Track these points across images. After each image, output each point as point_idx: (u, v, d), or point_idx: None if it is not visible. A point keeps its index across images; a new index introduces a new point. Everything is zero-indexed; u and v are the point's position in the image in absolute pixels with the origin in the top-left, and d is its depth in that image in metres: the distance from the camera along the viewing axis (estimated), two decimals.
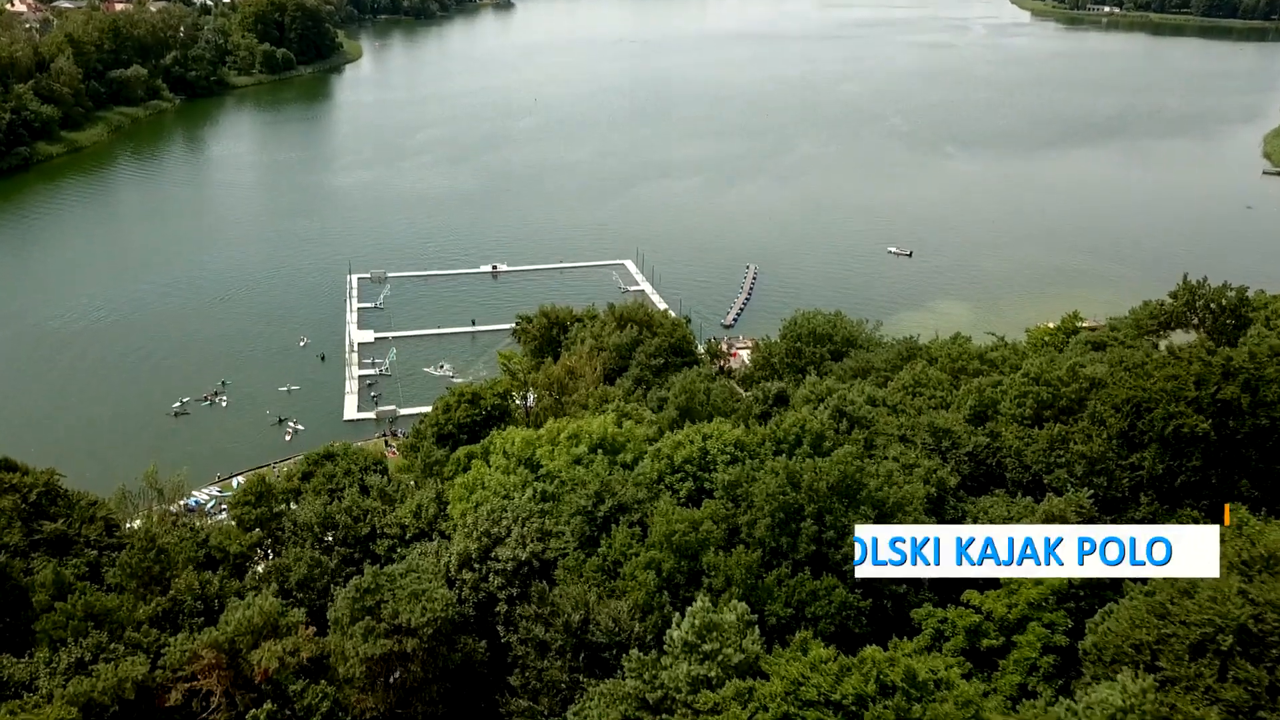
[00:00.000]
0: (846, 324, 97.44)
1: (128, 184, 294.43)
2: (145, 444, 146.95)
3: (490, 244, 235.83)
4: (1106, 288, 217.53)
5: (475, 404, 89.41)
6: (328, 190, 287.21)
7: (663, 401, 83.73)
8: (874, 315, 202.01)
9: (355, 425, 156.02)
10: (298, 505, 74.65)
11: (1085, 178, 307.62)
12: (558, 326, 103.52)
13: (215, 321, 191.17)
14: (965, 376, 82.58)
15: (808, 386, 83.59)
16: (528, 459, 69.76)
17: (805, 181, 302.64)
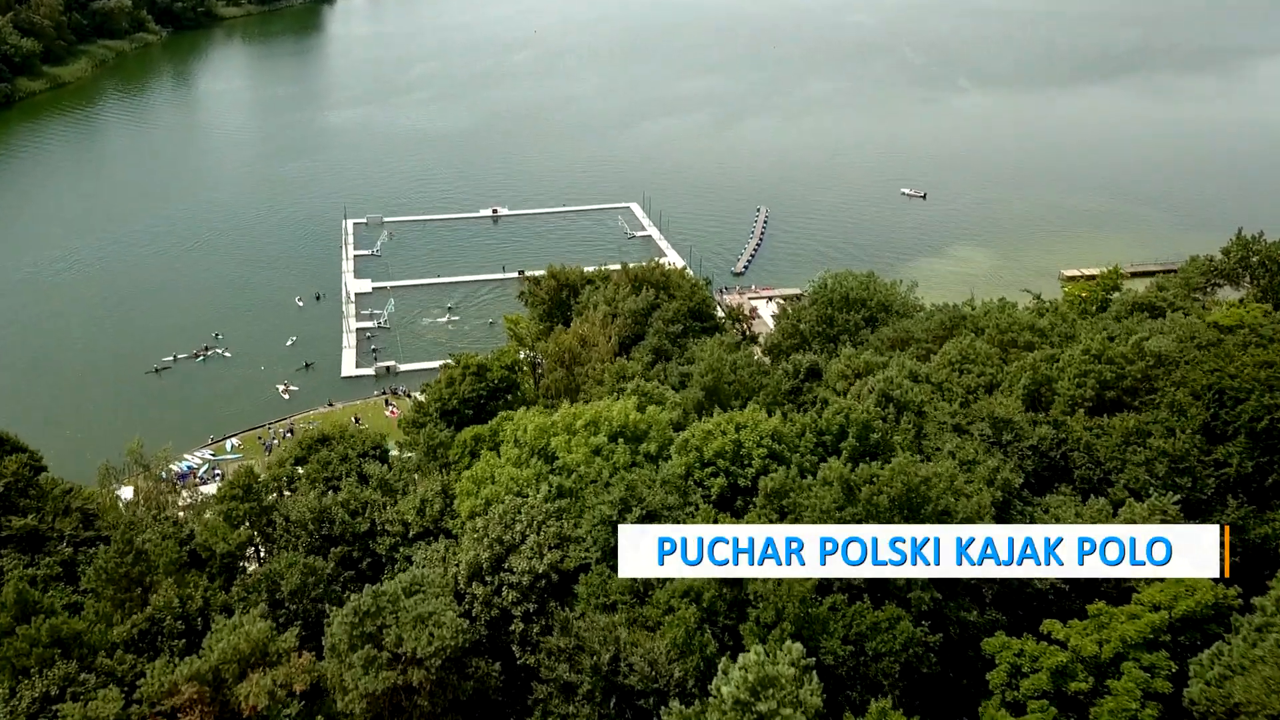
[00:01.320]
0: (880, 287, 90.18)
1: (113, 122, 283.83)
2: (132, 403, 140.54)
3: (490, 186, 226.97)
4: (1131, 231, 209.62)
5: (481, 377, 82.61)
6: (320, 129, 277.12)
7: (685, 377, 76.98)
8: (891, 261, 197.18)
9: (353, 382, 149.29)
10: (290, 497, 68.21)
11: (1105, 113, 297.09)
12: (568, 289, 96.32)
13: (204, 270, 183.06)
14: (1015, 350, 75.77)
15: (843, 360, 76.80)
16: (542, 448, 63.35)
17: (815, 118, 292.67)
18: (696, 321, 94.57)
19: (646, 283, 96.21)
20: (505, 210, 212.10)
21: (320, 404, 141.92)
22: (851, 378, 76.83)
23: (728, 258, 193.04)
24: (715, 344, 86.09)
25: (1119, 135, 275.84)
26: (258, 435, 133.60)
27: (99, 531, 69.79)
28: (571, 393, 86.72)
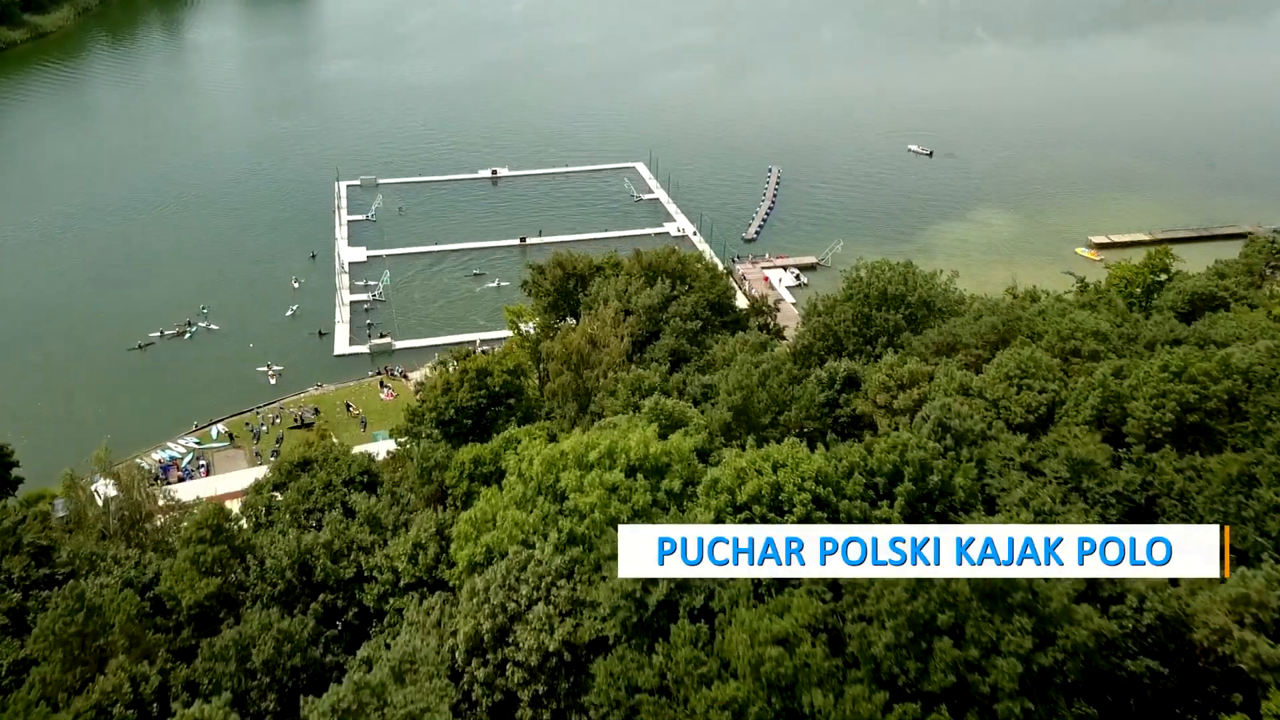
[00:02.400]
0: (920, 279, 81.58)
1: (95, 76, 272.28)
2: (113, 384, 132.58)
3: (489, 145, 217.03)
4: (1160, 193, 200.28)
5: (481, 382, 74.70)
6: (313, 83, 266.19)
7: (708, 390, 68.95)
8: (910, 225, 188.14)
9: (347, 361, 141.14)
10: (266, 534, 60.47)
11: (1129, 65, 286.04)
12: (575, 278, 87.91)
13: (188, 236, 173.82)
14: (1078, 361, 67.69)
15: (884, 368, 68.72)
16: (550, 485, 55.68)
17: (826, 70, 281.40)
18: (716, 315, 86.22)
19: (662, 272, 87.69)
20: (505, 171, 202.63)
21: (311, 385, 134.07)
22: (894, 389, 68.84)
23: (738, 222, 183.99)
24: (738, 346, 77.92)
25: (1144, 89, 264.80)
26: (245, 421, 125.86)
27: (55, 570, 62.19)
28: (580, 397, 78.83)
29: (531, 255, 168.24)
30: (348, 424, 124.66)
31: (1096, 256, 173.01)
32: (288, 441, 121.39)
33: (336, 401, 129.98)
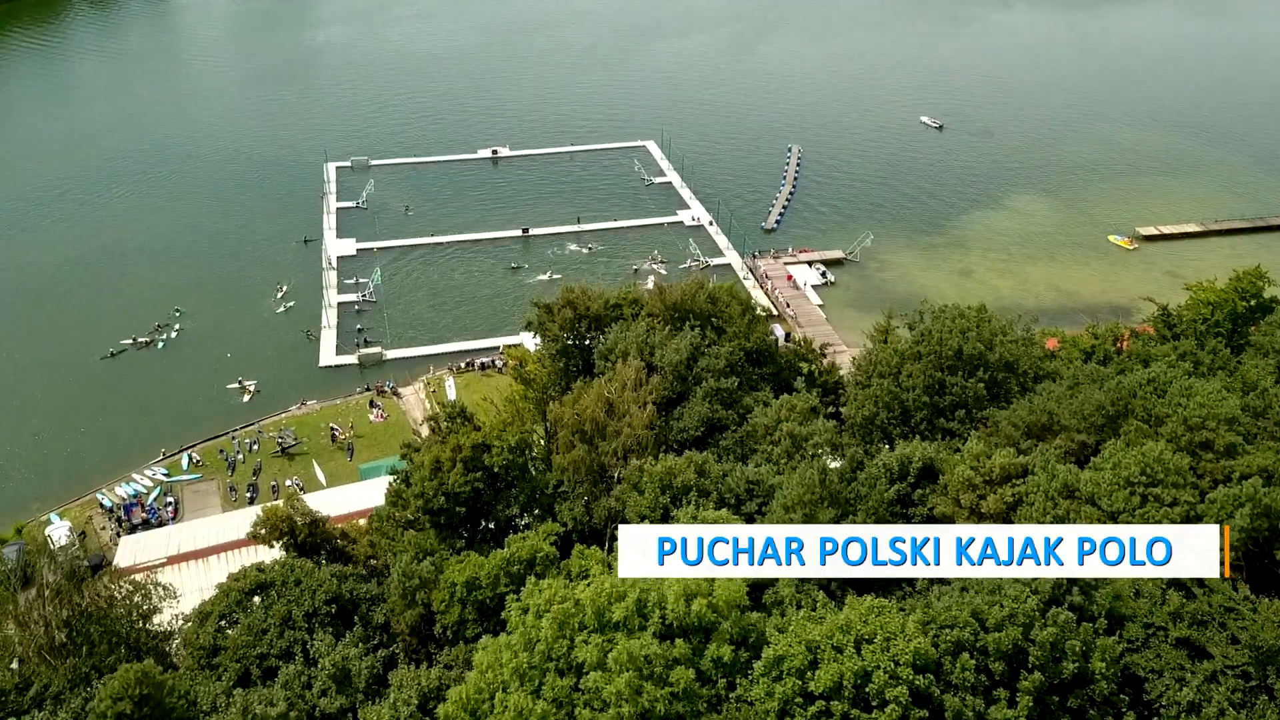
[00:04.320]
0: (996, 329, 68.03)
1: (75, 39, 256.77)
2: (80, 401, 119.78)
3: (489, 121, 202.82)
4: (1211, 178, 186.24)
5: (477, 459, 62.05)
6: (300, 50, 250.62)
7: (753, 485, 56.04)
8: (941, 214, 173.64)
9: (333, 374, 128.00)
10: (206, 689, 48.11)
11: (1176, 33, 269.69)
12: (588, 320, 74.79)
13: (163, 226, 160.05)
14: (1209, 456, 54.96)
15: (968, 458, 55.91)
16: (563, 655, 43.44)
17: (846, 36, 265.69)
18: (755, 367, 73.36)
19: (689, 312, 74.61)
20: (506, 150, 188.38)
21: (293, 403, 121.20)
22: (982, 487, 56.20)
23: (756, 208, 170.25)
24: (784, 410, 65.01)
25: (1193, 60, 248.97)
26: (219, 448, 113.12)
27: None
28: (594, 474, 66.21)
29: (535, 246, 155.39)
30: (333, 452, 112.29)
31: (1131, 245, 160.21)
32: (267, 471, 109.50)
33: (321, 423, 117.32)
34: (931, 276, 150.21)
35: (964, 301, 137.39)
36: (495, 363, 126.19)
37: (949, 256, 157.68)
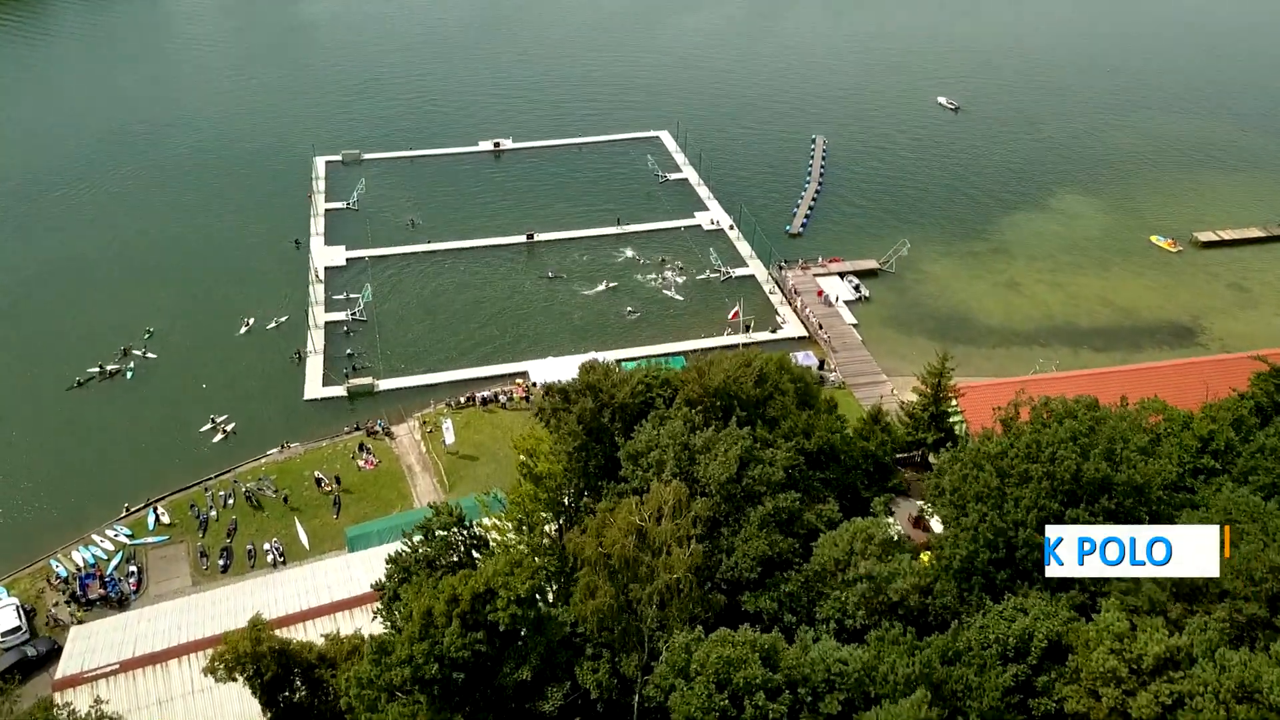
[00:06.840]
0: (1113, 432, 55.07)
1: (53, 12, 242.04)
2: (34, 444, 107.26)
3: (489, 109, 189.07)
4: (1271, 173, 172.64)
5: (479, 615, 49.82)
6: (287, 26, 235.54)
7: (836, 680, 44.11)
8: (982, 216, 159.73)
9: (319, 408, 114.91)
10: None
11: (1224, 6, 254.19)
12: (610, 409, 62.10)
13: (133, 234, 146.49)
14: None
15: (1107, 638, 43.39)
16: None
17: (867, 11, 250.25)
18: (815, 470, 61.04)
19: (736, 400, 62.07)
20: (509, 143, 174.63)
21: (272, 446, 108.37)
22: (1129, 680, 44.08)
23: (779, 207, 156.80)
24: (858, 539, 52.87)
25: (1247, 37, 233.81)
26: (190, 502, 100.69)
27: None
28: (622, 625, 53.99)
29: (540, 254, 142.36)
30: (317, 507, 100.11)
31: (1175, 247, 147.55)
32: (243, 530, 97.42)
33: (304, 470, 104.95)
34: (975, 290, 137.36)
35: (1013, 321, 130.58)
36: (499, 396, 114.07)
37: (992, 266, 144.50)
